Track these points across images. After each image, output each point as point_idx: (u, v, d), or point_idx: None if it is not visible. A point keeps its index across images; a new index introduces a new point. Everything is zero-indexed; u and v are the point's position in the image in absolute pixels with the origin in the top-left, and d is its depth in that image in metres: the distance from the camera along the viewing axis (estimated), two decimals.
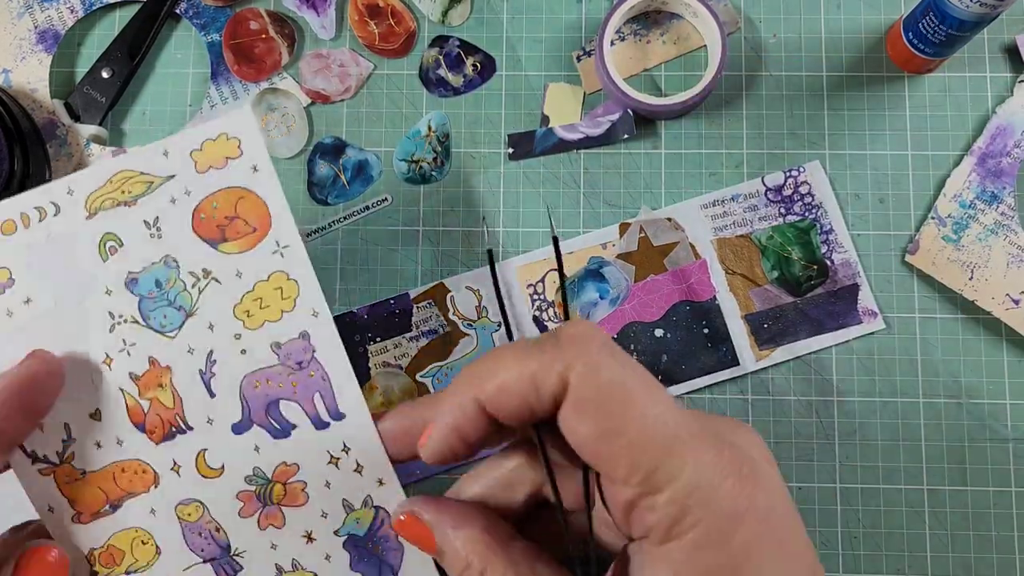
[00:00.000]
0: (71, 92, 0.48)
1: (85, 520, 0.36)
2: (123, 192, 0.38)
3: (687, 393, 0.46)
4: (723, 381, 0.46)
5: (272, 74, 0.48)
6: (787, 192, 0.46)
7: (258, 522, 0.38)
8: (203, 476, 0.37)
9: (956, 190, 0.46)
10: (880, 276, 0.46)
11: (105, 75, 0.48)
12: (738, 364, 0.45)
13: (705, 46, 0.48)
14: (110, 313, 0.37)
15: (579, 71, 0.48)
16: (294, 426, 0.37)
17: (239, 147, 0.39)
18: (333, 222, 0.47)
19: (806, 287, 0.46)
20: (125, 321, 0.38)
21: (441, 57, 0.49)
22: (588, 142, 0.48)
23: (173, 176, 0.38)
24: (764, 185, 0.47)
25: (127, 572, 0.36)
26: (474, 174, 0.48)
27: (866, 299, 0.46)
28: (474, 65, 0.48)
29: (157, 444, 0.37)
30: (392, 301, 0.46)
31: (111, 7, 0.50)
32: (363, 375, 0.46)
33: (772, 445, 0.45)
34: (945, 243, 0.46)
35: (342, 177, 0.48)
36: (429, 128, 0.48)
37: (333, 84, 0.48)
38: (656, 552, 0.24)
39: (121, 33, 0.48)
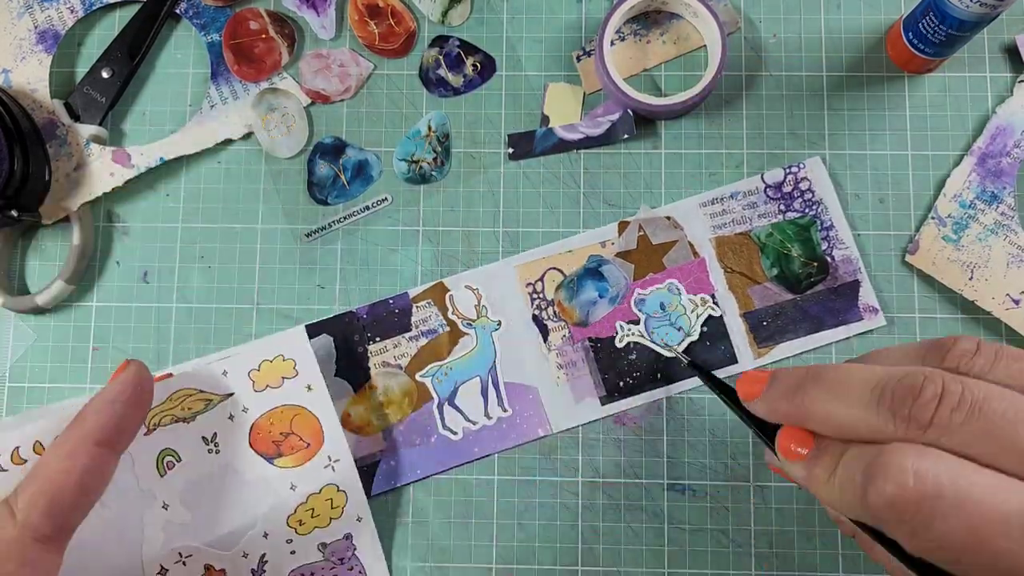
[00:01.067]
0: (71, 92, 0.48)
1: None
2: (183, 409, 0.40)
3: (685, 392, 0.46)
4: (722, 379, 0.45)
5: (272, 74, 0.48)
6: (787, 189, 0.46)
7: None
8: None
9: (956, 190, 0.46)
10: (880, 276, 0.46)
11: (105, 75, 0.48)
12: (736, 362, 0.45)
13: (705, 46, 0.48)
14: (167, 528, 0.40)
15: (579, 71, 0.48)
16: None
17: (294, 367, 0.42)
18: (333, 222, 0.47)
19: (806, 284, 0.46)
20: (182, 535, 0.40)
21: (441, 57, 0.49)
22: (588, 142, 0.48)
23: (231, 394, 0.41)
24: (763, 182, 0.47)
25: None
26: (474, 174, 0.48)
27: (867, 295, 0.46)
28: (474, 65, 0.48)
29: None
30: (391, 301, 0.46)
31: (111, 7, 0.50)
32: (362, 375, 0.46)
33: None
34: (945, 243, 0.46)
35: (342, 177, 0.48)
36: (429, 128, 0.48)
37: (333, 84, 0.48)
38: None
39: (121, 33, 0.48)
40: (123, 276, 0.48)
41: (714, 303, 0.46)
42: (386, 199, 0.48)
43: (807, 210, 0.46)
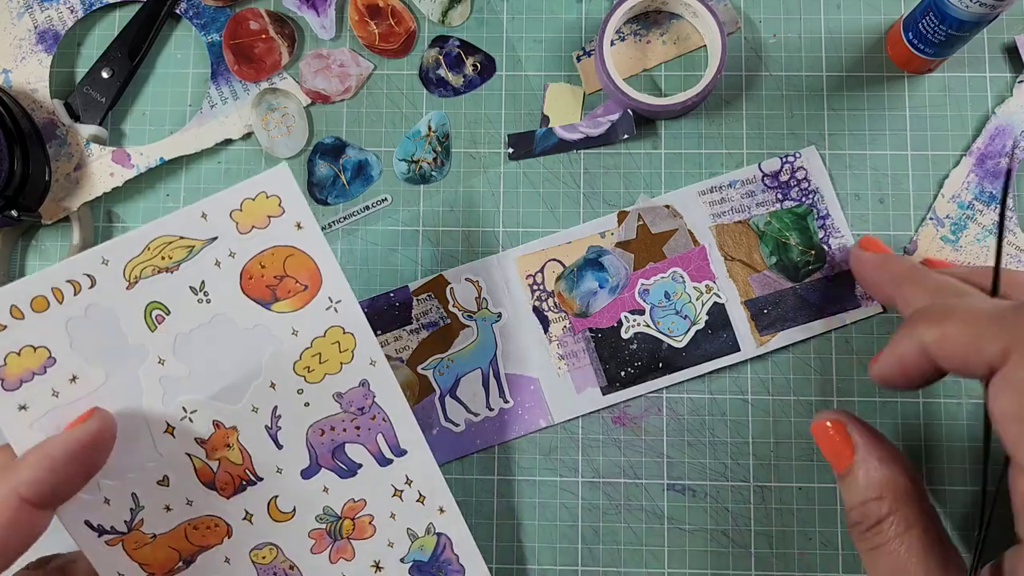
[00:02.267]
0: (71, 92, 0.48)
1: None
2: (163, 258, 0.37)
3: (689, 380, 0.46)
4: (723, 368, 0.46)
5: (272, 74, 0.48)
6: (784, 178, 0.47)
7: (329, 557, 0.39)
8: (275, 520, 0.39)
9: (954, 191, 0.46)
10: None
11: (105, 75, 0.48)
12: (739, 350, 0.45)
13: (705, 46, 0.48)
14: (165, 383, 0.38)
15: (579, 71, 0.48)
16: (360, 465, 0.40)
17: (280, 205, 0.39)
18: (333, 222, 0.47)
19: (804, 272, 0.46)
20: (183, 390, 0.38)
21: (441, 57, 0.49)
22: (588, 142, 0.48)
23: (215, 238, 0.38)
24: (761, 171, 0.47)
25: None
26: (474, 174, 0.48)
27: None
28: (474, 65, 0.48)
29: (228, 498, 0.39)
30: (392, 294, 0.46)
31: (111, 7, 0.50)
32: None
33: (772, 445, 0.45)
34: (943, 244, 0.46)
35: (342, 177, 0.48)
36: (429, 128, 0.48)
37: (333, 84, 0.48)
38: None
39: (121, 33, 0.48)
40: None
41: (717, 291, 0.46)
42: (386, 199, 0.48)
43: (804, 199, 0.46)
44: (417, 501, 0.40)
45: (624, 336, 0.46)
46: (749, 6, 0.49)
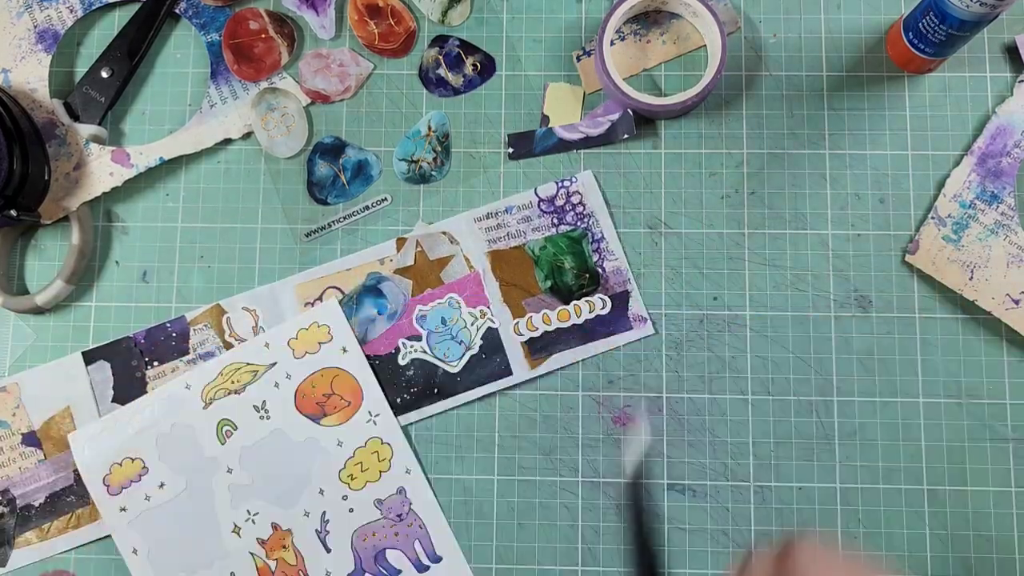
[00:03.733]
0: (71, 92, 0.48)
1: None
2: (233, 382, 0.45)
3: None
4: (495, 392, 0.46)
5: (272, 74, 0.48)
6: (559, 203, 0.47)
7: None
8: None
9: (956, 190, 0.46)
10: (880, 276, 0.46)
11: (105, 75, 0.48)
12: (512, 374, 0.46)
13: (705, 46, 0.48)
14: (232, 489, 0.44)
15: (579, 71, 0.48)
16: (399, 571, 0.44)
17: (329, 332, 0.45)
18: (333, 222, 0.47)
19: (579, 295, 0.46)
20: (248, 495, 0.44)
21: (441, 57, 0.49)
22: (588, 142, 0.48)
23: (275, 363, 0.45)
24: (537, 196, 0.47)
25: None
26: (474, 174, 0.48)
27: (636, 305, 0.46)
28: (474, 65, 0.48)
29: None
30: (169, 324, 0.46)
31: (111, 7, 0.49)
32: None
33: (772, 445, 0.45)
34: (945, 243, 0.46)
35: (342, 177, 0.48)
36: (429, 128, 0.48)
37: (333, 84, 0.48)
38: None
39: (121, 33, 0.48)
40: (123, 276, 0.48)
41: (491, 316, 0.46)
42: (386, 199, 0.48)
43: (579, 223, 0.47)
44: None
45: (401, 362, 0.46)
46: (749, 6, 0.49)
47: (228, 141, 0.48)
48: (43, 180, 0.47)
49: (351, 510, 0.44)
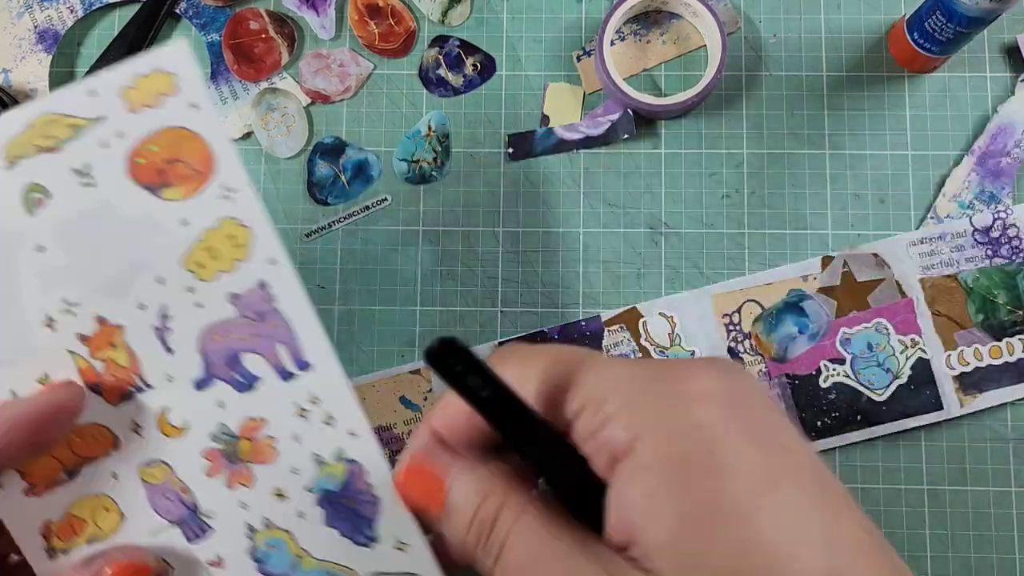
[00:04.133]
0: None
1: (40, 491, 0.34)
2: (46, 138, 0.35)
3: (883, 436, 0.45)
4: (927, 425, 0.44)
5: (272, 74, 0.48)
6: (995, 234, 0.45)
7: (226, 481, 0.36)
8: (166, 436, 0.35)
9: (955, 190, 0.46)
10: None
11: None
12: (942, 408, 0.44)
13: (705, 46, 0.48)
14: (44, 272, 0.34)
15: (579, 71, 0.48)
16: (258, 378, 0.35)
17: (176, 84, 0.35)
18: (333, 222, 0.47)
19: (1011, 332, 0.45)
20: (64, 280, 0.34)
21: (441, 57, 0.49)
22: (588, 142, 0.48)
23: (103, 118, 0.35)
24: (972, 226, 0.45)
25: (89, 542, 0.34)
26: (474, 174, 0.48)
27: None
28: (474, 65, 0.48)
29: (115, 405, 0.35)
30: (584, 323, 0.46)
31: (111, 7, 0.50)
32: None
33: None
34: None
35: (342, 177, 0.48)
36: (429, 128, 0.48)
37: (333, 84, 0.48)
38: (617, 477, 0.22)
39: (121, 33, 0.48)
40: None
41: (923, 345, 0.45)
42: (386, 199, 0.48)
43: (1014, 257, 0.45)
44: (325, 423, 0.35)
45: (823, 385, 0.44)
46: (749, 6, 0.49)
47: None
48: None
49: (199, 305, 0.35)
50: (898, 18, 0.47)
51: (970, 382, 0.44)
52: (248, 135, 0.48)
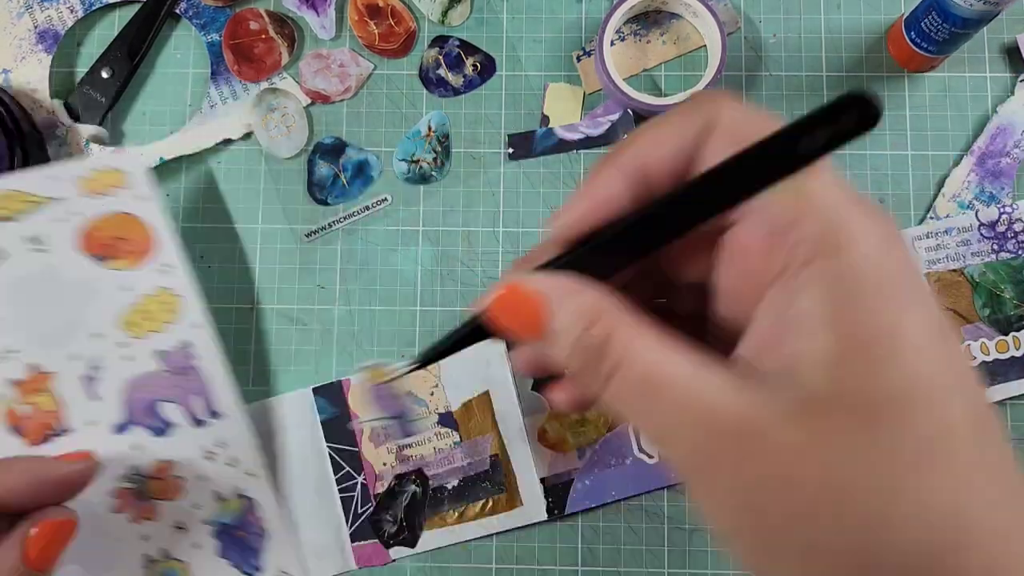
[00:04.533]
0: (71, 92, 0.48)
1: None
2: (7, 209, 0.40)
3: None
4: None
5: (272, 74, 0.48)
6: (1000, 229, 0.45)
7: (132, 517, 0.39)
8: None
9: (955, 190, 0.46)
10: None
11: (105, 75, 0.48)
12: None
13: (705, 46, 0.48)
14: None
15: (579, 71, 0.48)
16: (173, 425, 0.40)
17: (127, 180, 0.41)
18: (333, 222, 0.47)
19: (1017, 327, 0.45)
20: (6, 331, 0.39)
21: (441, 57, 0.49)
22: (588, 142, 0.48)
23: (61, 199, 0.41)
24: (978, 220, 0.46)
25: None
26: (474, 174, 0.48)
27: None
28: (474, 65, 0.48)
29: (33, 444, 0.39)
30: None
31: (111, 7, 0.50)
32: None
33: None
34: None
35: (342, 177, 0.48)
36: (429, 128, 0.48)
37: (333, 84, 0.48)
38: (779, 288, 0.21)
39: (121, 33, 0.48)
40: None
41: None
42: (386, 199, 0.48)
43: (1020, 251, 0.45)
44: (227, 465, 0.40)
45: None
46: (749, 6, 0.49)
47: (228, 141, 0.48)
48: None
49: (129, 358, 0.40)
50: (897, 18, 0.47)
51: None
52: (248, 135, 0.48)
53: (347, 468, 0.45)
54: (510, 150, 0.48)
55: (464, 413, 0.45)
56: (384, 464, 0.45)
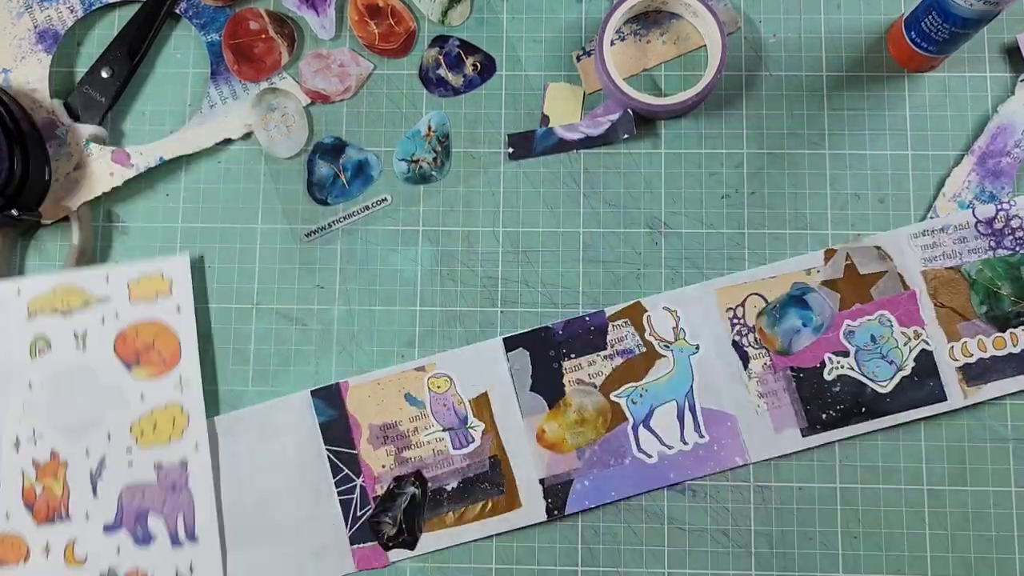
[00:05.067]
0: (71, 92, 0.48)
1: None
2: (63, 303, 0.45)
3: (885, 432, 0.45)
4: (928, 423, 0.45)
5: (272, 74, 0.48)
6: (998, 226, 0.45)
7: None
8: (67, 563, 0.44)
9: (955, 190, 0.46)
10: None
11: (105, 75, 0.48)
12: (946, 399, 0.44)
13: (705, 46, 0.48)
14: (27, 405, 0.44)
15: (579, 71, 0.48)
16: (154, 538, 0.44)
17: (170, 287, 0.46)
18: (333, 222, 0.47)
19: (1015, 323, 0.45)
20: (39, 415, 0.44)
21: (441, 57, 0.49)
22: (588, 142, 0.48)
23: (109, 299, 0.45)
24: (975, 217, 0.45)
25: None
26: (474, 174, 0.48)
27: None
28: (474, 65, 0.48)
29: (38, 524, 0.44)
30: (587, 318, 0.46)
31: (111, 7, 0.50)
32: (557, 391, 0.45)
33: None
34: None
35: (342, 177, 0.48)
36: (429, 128, 0.48)
37: (333, 84, 0.48)
38: None
39: (121, 33, 0.48)
40: None
41: (926, 337, 0.45)
42: (386, 199, 0.48)
43: (1017, 248, 0.45)
44: None
45: (827, 377, 0.44)
46: (749, 6, 0.49)
47: (228, 141, 0.48)
48: (43, 180, 0.47)
49: (130, 464, 0.44)
50: (897, 18, 0.47)
51: (974, 373, 0.44)
52: (248, 135, 0.48)
53: (346, 470, 0.45)
54: (510, 150, 0.48)
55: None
56: (383, 466, 0.45)
